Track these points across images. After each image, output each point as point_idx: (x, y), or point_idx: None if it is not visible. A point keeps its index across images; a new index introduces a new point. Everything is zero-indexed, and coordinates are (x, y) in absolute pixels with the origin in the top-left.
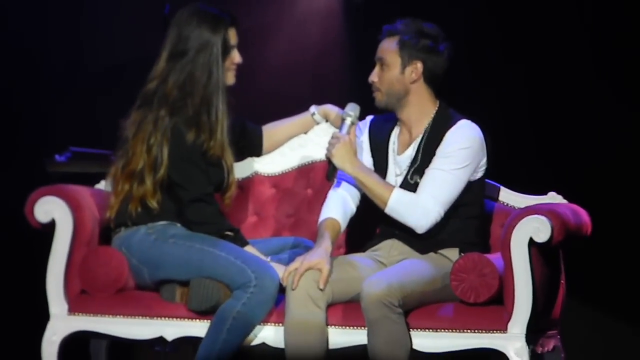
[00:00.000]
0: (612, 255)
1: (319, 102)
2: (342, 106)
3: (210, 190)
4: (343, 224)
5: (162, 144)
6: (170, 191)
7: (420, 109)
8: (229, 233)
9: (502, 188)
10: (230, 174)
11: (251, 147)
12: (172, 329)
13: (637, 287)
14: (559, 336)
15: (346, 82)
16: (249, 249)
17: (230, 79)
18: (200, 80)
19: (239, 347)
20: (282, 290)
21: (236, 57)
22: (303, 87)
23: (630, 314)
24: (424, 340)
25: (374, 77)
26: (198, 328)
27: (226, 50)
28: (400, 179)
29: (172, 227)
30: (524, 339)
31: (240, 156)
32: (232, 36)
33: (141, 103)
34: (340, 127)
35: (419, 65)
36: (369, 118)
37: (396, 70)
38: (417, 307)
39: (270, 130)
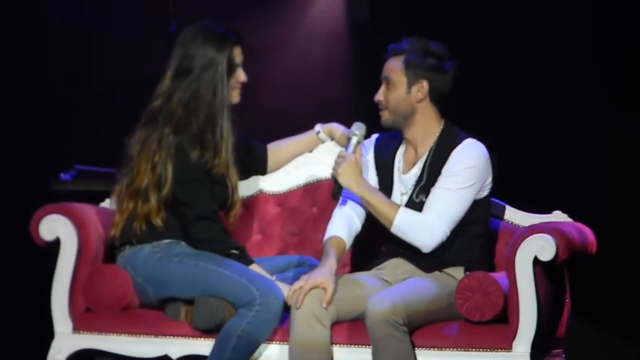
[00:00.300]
0: (617, 274)
1: (324, 121)
2: (348, 125)
3: (215, 209)
4: (348, 242)
5: (166, 162)
6: (175, 209)
7: (426, 127)
8: (234, 251)
9: (507, 207)
10: (235, 192)
11: (256, 165)
12: (177, 347)
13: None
14: (563, 355)
15: (352, 100)
16: (254, 267)
17: (235, 97)
18: (205, 99)
19: None
20: (286, 308)
21: (241, 75)
22: (308, 105)
23: (636, 333)
24: (429, 359)
25: (380, 96)
26: (203, 346)
27: (231, 68)
28: (405, 198)
29: (176, 246)
30: (528, 358)
31: (245, 174)
32: (237, 55)
33: (146, 121)
34: (346, 146)
35: (425, 85)
36: (375, 136)
37: (402, 90)
38: (422, 326)
39: (275, 149)
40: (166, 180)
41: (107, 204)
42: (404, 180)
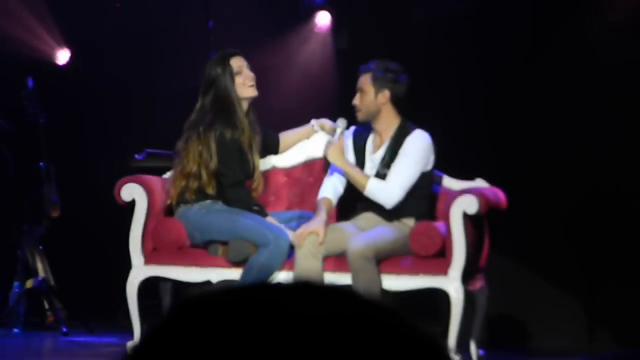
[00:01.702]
0: (519, 221)
1: (319, 118)
2: (334, 120)
3: (243, 178)
4: (334, 201)
5: (209, 147)
6: (216, 177)
7: (388, 122)
8: (255, 208)
9: (444, 176)
10: (256, 168)
11: (271, 147)
12: (216, 274)
13: (538, 245)
14: (484, 278)
15: (337, 103)
16: (269, 219)
17: (250, 92)
18: (224, 99)
19: None
20: (292, 247)
21: (247, 75)
22: (307, 107)
23: (535, 264)
24: (390, 282)
25: (356, 101)
26: (234, 274)
27: (232, 74)
28: (374, 171)
29: (215, 204)
30: (459, 281)
31: (263, 154)
32: (235, 63)
33: (190, 125)
34: (333, 135)
35: (387, 92)
36: (353, 128)
37: (371, 96)
38: (386, 259)
39: (284, 137)
40: (211, 158)
41: (167, 176)
42: (373, 159)
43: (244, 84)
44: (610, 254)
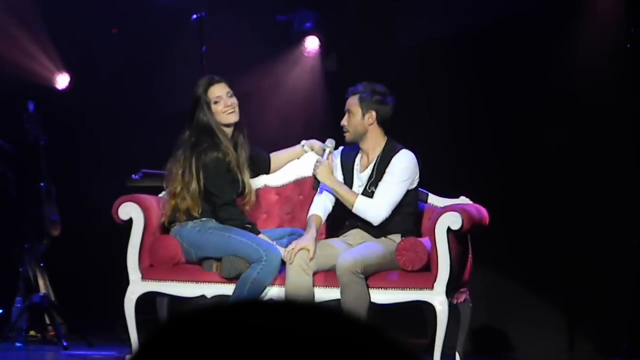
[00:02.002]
0: (503, 238)
1: (308, 138)
2: (323, 141)
3: (234, 197)
4: (324, 218)
5: (192, 170)
6: (207, 197)
7: (375, 142)
8: (247, 225)
9: (429, 194)
10: (247, 186)
11: (262, 167)
12: (211, 289)
13: (519, 259)
14: (468, 292)
15: (326, 124)
16: (261, 236)
17: (230, 118)
18: (204, 126)
19: None
20: (283, 263)
21: (226, 102)
22: (297, 128)
23: (517, 277)
24: (378, 296)
25: (344, 122)
26: (228, 289)
27: (208, 104)
28: (361, 189)
29: (209, 222)
30: (444, 294)
31: (255, 173)
32: (214, 92)
33: (177, 147)
34: (322, 155)
35: (374, 113)
36: (341, 148)
37: (358, 117)
38: (374, 274)
39: (275, 157)
40: (193, 180)
41: (163, 195)
42: (360, 177)
43: (223, 112)
44: (590, 267)
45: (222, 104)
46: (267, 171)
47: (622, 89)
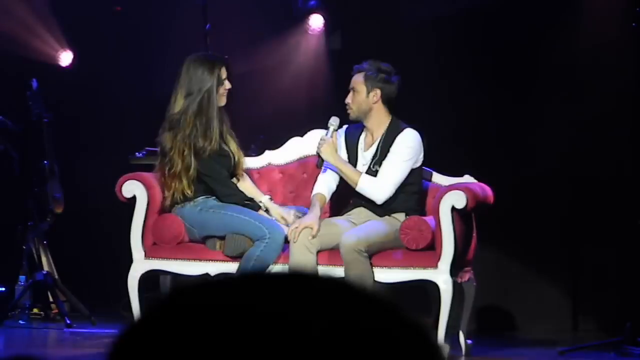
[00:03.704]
0: (508, 217)
1: (312, 117)
2: (328, 118)
3: (226, 174)
4: (328, 197)
5: (190, 153)
6: (201, 179)
7: (379, 120)
8: (247, 202)
9: (433, 172)
10: (236, 155)
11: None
12: (214, 267)
13: (524, 238)
14: (472, 271)
15: (330, 102)
16: (261, 212)
17: (222, 101)
18: (206, 107)
19: None
20: (287, 241)
21: (226, 85)
22: (301, 106)
23: (520, 256)
24: (382, 274)
25: (348, 99)
26: (231, 267)
27: (219, 83)
28: (365, 168)
29: (209, 200)
30: (448, 273)
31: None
32: (223, 72)
33: (170, 126)
34: (326, 133)
35: (378, 92)
36: (345, 127)
37: (363, 95)
38: (378, 252)
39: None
40: (190, 165)
41: (157, 173)
42: (365, 156)
43: (222, 94)
44: (594, 246)
45: (224, 86)
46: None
47: (628, 70)
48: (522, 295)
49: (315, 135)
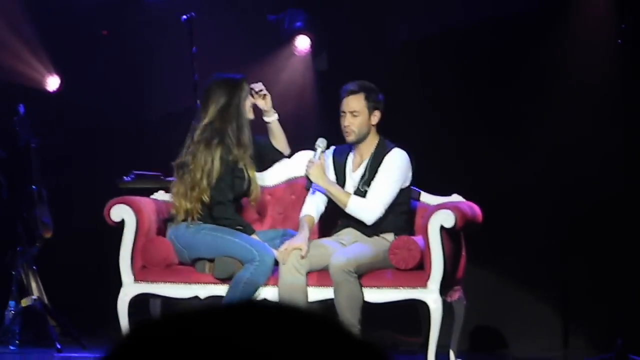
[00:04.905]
0: (496, 235)
1: (300, 138)
2: (315, 140)
3: (230, 197)
4: (316, 218)
5: (213, 162)
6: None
7: (369, 141)
8: (239, 227)
9: (422, 192)
10: (252, 183)
11: (272, 152)
12: (204, 290)
13: (513, 256)
14: (462, 290)
15: (317, 123)
16: (254, 236)
17: (250, 115)
18: (237, 117)
19: None
20: (276, 263)
21: (251, 99)
22: (288, 127)
23: (510, 274)
24: (372, 295)
25: (347, 123)
26: (221, 290)
27: (245, 97)
28: (354, 189)
29: (204, 224)
30: (438, 292)
31: (269, 163)
32: (244, 89)
33: (199, 139)
34: (313, 155)
35: (378, 113)
36: (332, 148)
37: (365, 117)
38: (367, 273)
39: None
40: (210, 174)
41: (156, 196)
42: (353, 177)
43: (249, 108)
44: (583, 263)
45: (250, 99)
46: (278, 155)
47: (614, 85)
48: (512, 313)
49: (302, 157)
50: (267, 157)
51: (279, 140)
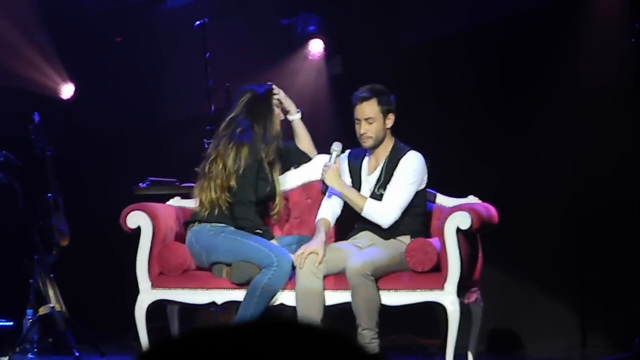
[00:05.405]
0: (513, 236)
1: (315, 142)
2: (330, 144)
3: (253, 199)
4: (332, 222)
5: (240, 160)
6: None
7: (385, 144)
8: (258, 231)
9: (437, 194)
10: (276, 187)
11: (298, 156)
12: (221, 296)
13: (530, 257)
14: (479, 291)
15: (332, 126)
16: (273, 241)
17: (280, 115)
18: (265, 121)
19: (267, 307)
20: (294, 268)
21: (277, 103)
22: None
23: (527, 274)
24: (389, 297)
25: (363, 130)
26: (238, 295)
27: (272, 107)
28: (369, 192)
29: (227, 227)
30: (455, 294)
31: (295, 166)
32: (273, 97)
33: (224, 134)
34: (329, 159)
35: (392, 116)
36: (348, 151)
37: (380, 123)
38: (384, 275)
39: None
40: (236, 173)
41: (171, 202)
42: (369, 180)
43: (279, 115)
44: (600, 263)
45: (276, 103)
46: (305, 158)
47: (626, 85)
48: (530, 313)
49: (318, 161)
50: (293, 162)
51: (303, 140)
